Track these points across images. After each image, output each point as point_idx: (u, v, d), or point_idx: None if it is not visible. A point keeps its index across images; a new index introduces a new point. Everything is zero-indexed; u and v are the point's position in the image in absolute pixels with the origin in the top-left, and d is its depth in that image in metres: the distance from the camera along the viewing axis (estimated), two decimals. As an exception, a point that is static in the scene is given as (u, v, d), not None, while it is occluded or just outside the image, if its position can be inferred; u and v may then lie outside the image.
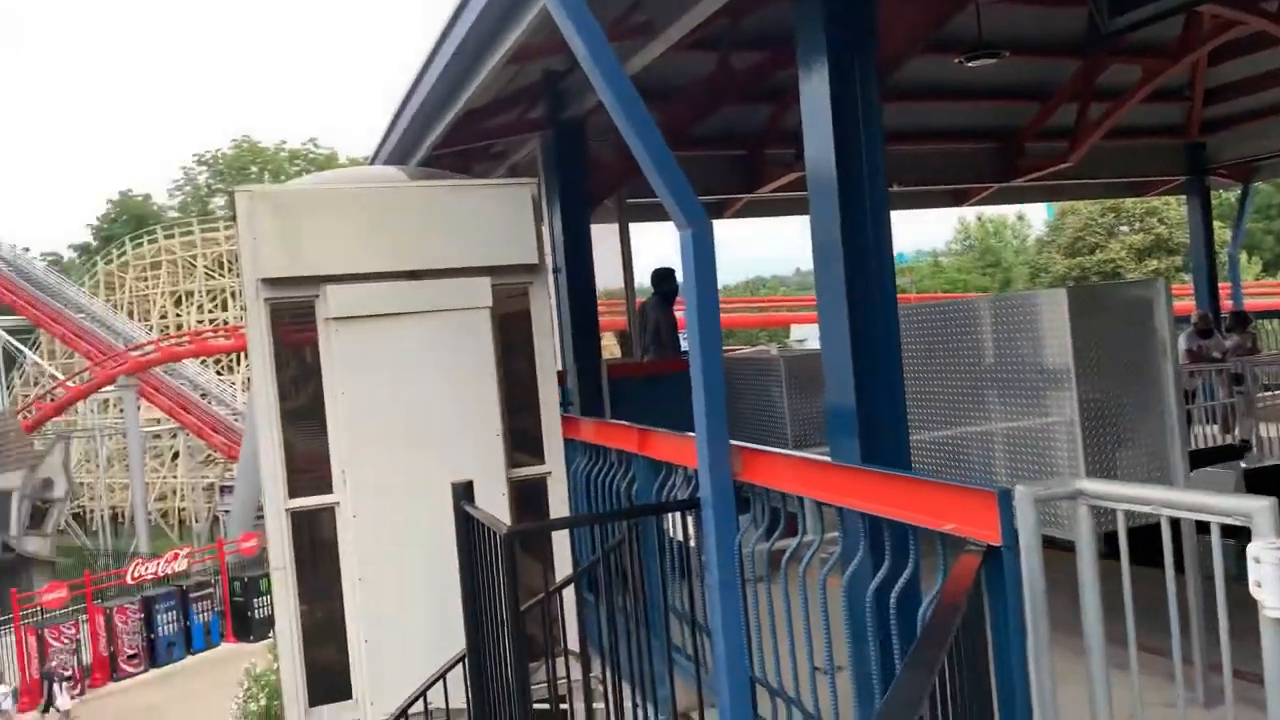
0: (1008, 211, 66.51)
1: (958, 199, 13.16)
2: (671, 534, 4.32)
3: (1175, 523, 2.32)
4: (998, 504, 2.33)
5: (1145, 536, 2.43)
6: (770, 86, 8.20)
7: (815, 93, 3.62)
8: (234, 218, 5.34)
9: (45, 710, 24.46)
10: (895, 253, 3.95)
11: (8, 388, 49.54)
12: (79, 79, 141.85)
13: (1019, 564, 2.31)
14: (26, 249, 52.46)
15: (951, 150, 11.16)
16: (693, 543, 3.96)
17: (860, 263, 3.56)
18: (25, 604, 27.02)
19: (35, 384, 50.70)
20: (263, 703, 15.63)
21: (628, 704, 4.01)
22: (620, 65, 3.45)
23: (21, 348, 47.60)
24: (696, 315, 3.45)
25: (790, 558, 3.41)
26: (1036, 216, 65.41)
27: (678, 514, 4.11)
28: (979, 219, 68.14)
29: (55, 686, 24.77)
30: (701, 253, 3.40)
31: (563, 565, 5.51)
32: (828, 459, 3.43)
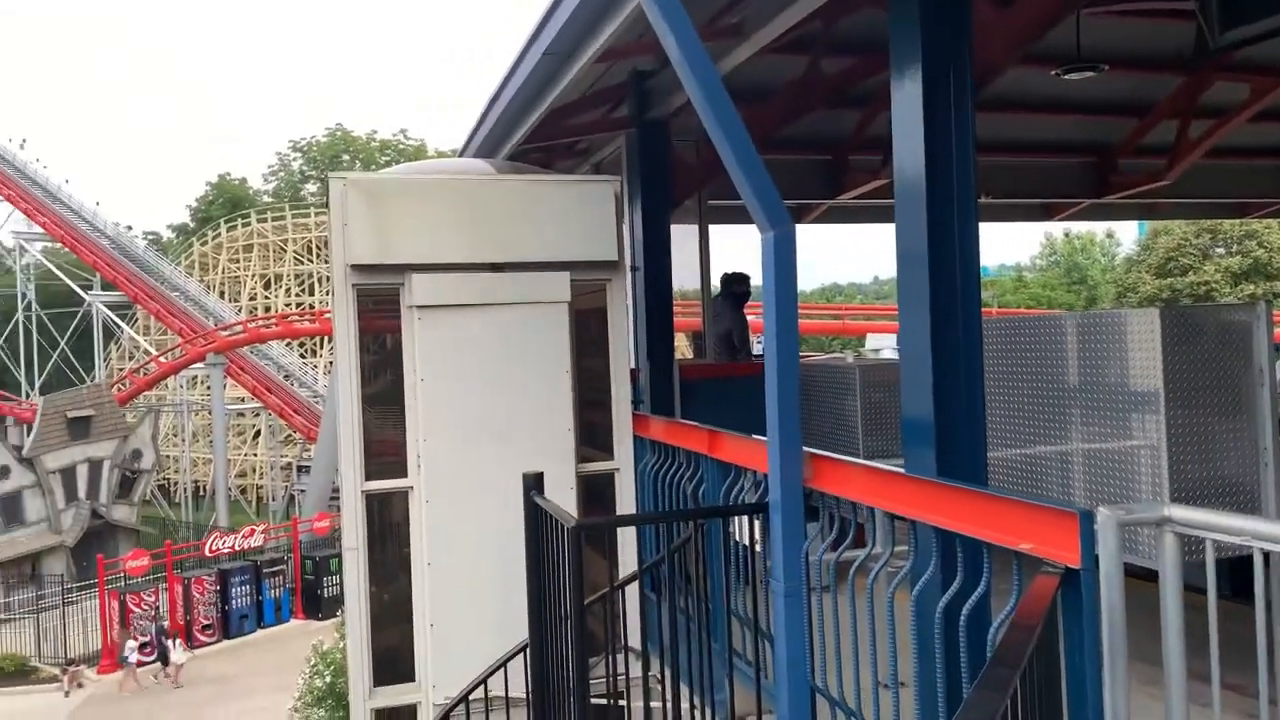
0: (1097, 228, 64.68)
1: (1047, 213, 12.83)
2: (737, 537, 4.31)
3: (1266, 556, 2.23)
4: (1079, 525, 2.26)
5: (1228, 569, 2.34)
6: (859, 92, 8.10)
7: (908, 100, 3.57)
8: (327, 203, 5.49)
9: (162, 664, 25.55)
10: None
11: (105, 360, 51.58)
12: (189, 65, 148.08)
13: (1098, 589, 2.24)
14: (129, 227, 54.61)
15: (1043, 163, 10.89)
16: (758, 548, 3.94)
17: (945, 273, 3.50)
18: (110, 570, 28.12)
19: (130, 358, 52.74)
20: (328, 680, 15.99)
21: (685, 705, 4.01)
22: (712, 65, 3.45)
23: (120, 322, 49.51)
24: (775, 319, 3.43)
25: (857, 569, 3.36)
26: (1127, 234, 63.52)
27: (744, 518, 4.09)
28: (1066, 235, 66.45)
29: (168, 642, 25.90)
30: (783, 256, 3.37)
31: (627, 562, 5.53)
32: (901, 470, 3.38)
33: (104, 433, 35.84)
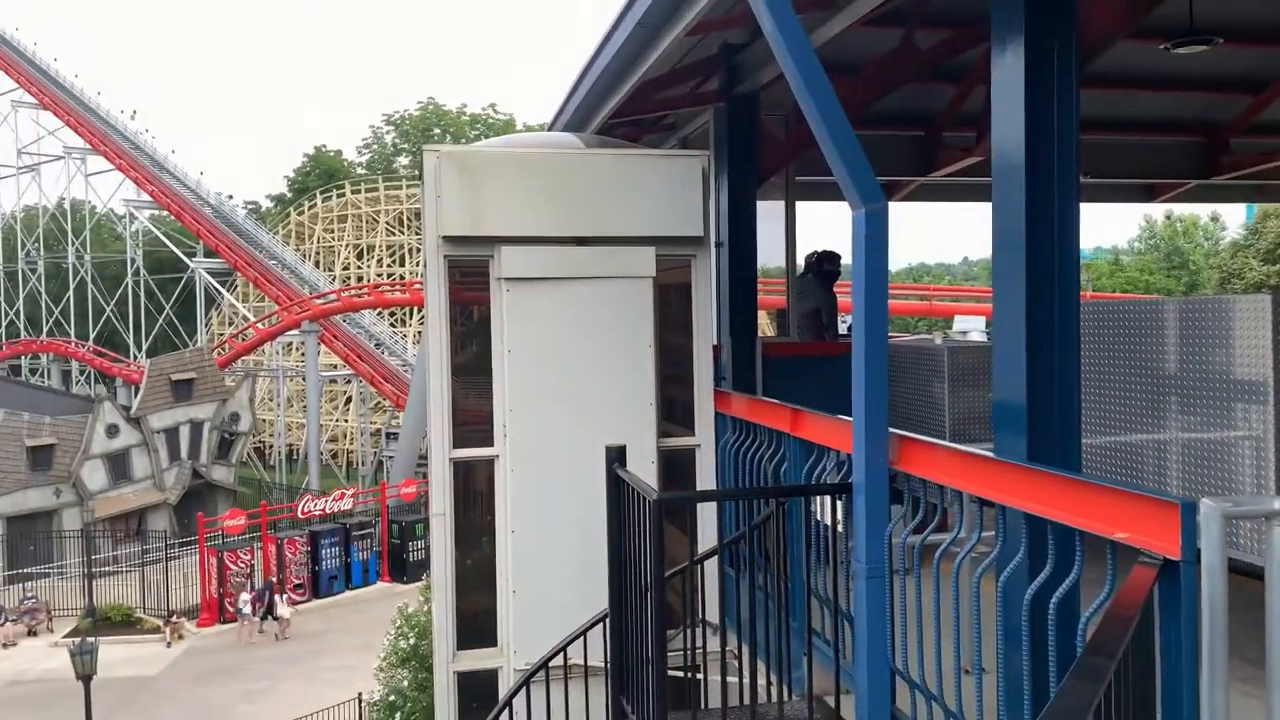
0: (1200, 211, 61.87)
1: (1150, 194, 12.32)
2: (819, 517, 4.29)
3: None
4: (1180, 516, 2.19)
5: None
6: (954, 66, 7.87)
7: (1008, 75, 3.46)
8: (418, 176, 5.59)
9: (265, 618, 26.86)
10: (1079, 246, 3.75)
11: (206, 325, 53.60)
12: (293, 40, 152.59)
13: (1199, 582, 2.17)
14: (230, 197, 56.45)
15: (1148, 142, 10.44)
16: (840, 528, 3.91)
17: (1043, 254, 3.40)
18: (209, 528, 29.35)
19: (230, 324, 54.71)
20: (412, 642, 16.43)
21: (762, 681, 4.02)
22: (805, 37, 3.40)
23: (220, 289, 51.33)
24: (864, 297, 3.38)
25: (942, 554, 3.31)
26: (1233, 218, 60.61)
27: (827, 497, 4.06)
28: (1167, 217, 63.73)
29: (275, 596, 27.19)
30: (874, 233, 3.32)
31: (706, 538, 5.54)
32: (991, 454, 3.31)
33: (205, 395, 37.34)
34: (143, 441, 35.57)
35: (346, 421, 53.54)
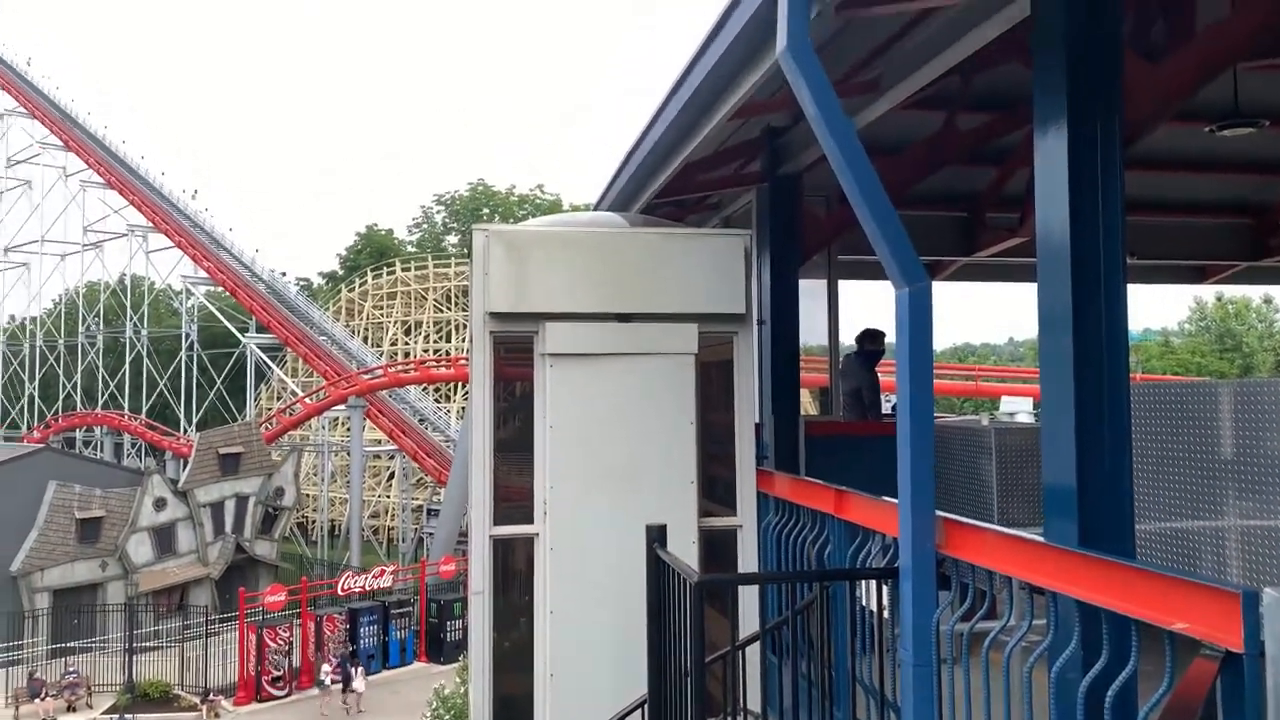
0: (1252, 293, 60.84)
1: (1199, 276, 12.17)
2: (864, 602, 4.18)
3: None
4: (1242, 606, 2.10)
5: None
6: (996, 148, 7.92)
7: (1051, 157, 3.47)
8: (467, 254, 5.70)
9: (345, 690, 27.00)
10: (1128, 327, 3.70)
11: (255, 399, 54.49)
12: (353, 124, 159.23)
13: (1264, 677, 2.07)
14: (284, 274, 57.91)
15: (1197, 224, 10.36)
16: (886, 614, 3.81)
17: (1090, 336, 3.36)
18: (250, 603, 29.37)
19: (278, 398, 55.57)
20: (448, 722, 16.21)
21: (806, 773, 3.88)
22: (848, 120, 3.44)
23: (270, 363, 52.29)
24: (909, 377, 3.35)
25: (992, 642, 3.21)
26: (1288, 299, 59.51)
27: (872, 582, 3.97)
28: (1218, 299, 62.73)
29: (351, 670, 27.19)
30: (918, 313, 3.30)
31: (748, 622, 5.43)
32: (1042, 539, 3.23)
33: (251, 469, 37.73)
34: (189, 515, 35.92)
35: (389, 497, 53.74)
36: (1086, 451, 3.28)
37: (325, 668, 27.57)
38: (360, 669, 27.91)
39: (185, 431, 50.77)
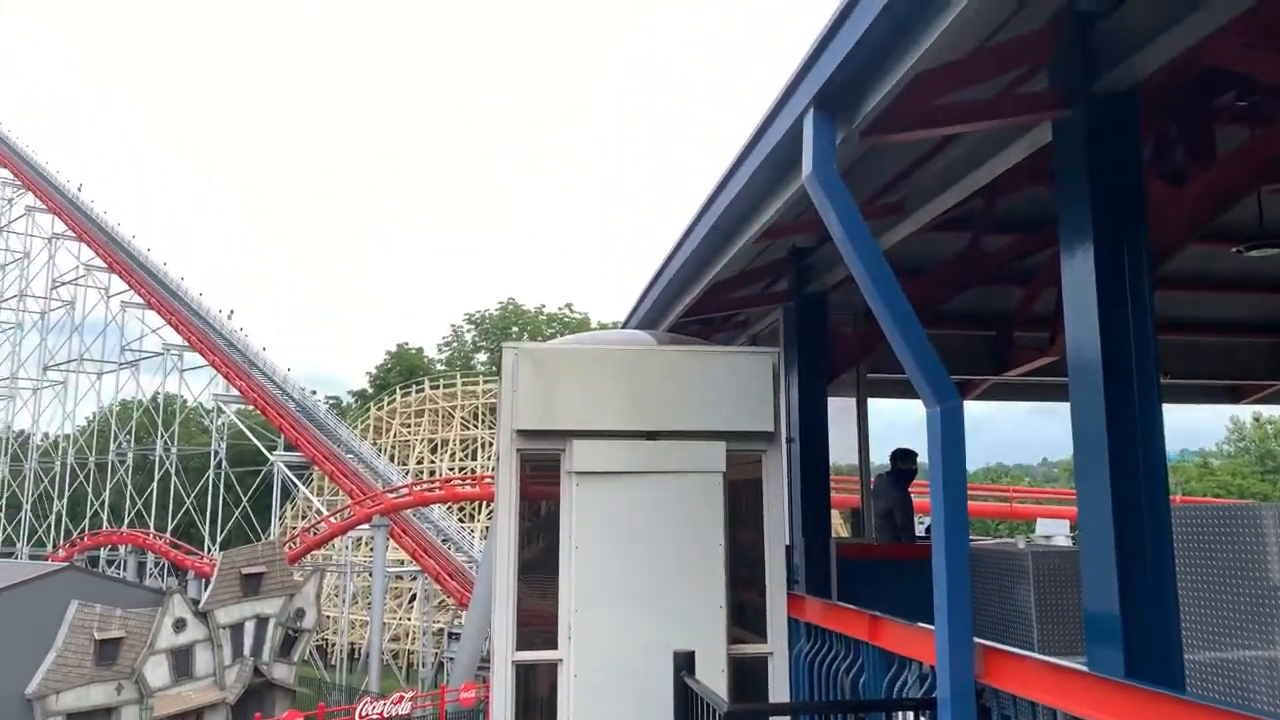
0: (1292, 412, 59.91)
1: (1234, 396, 12.00)
2: (902, 734, 4.01)
3: None
4: (1305, 745, 1.99)
5: None
6: (1023, 268, 7.98)
7: (1079, 277, 3.48)
8: (496, 372, 5.75)
9: None
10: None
11: (280, 518, 54.36)
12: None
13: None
14: (314, 392, 58.54)
15: (1230, 343, 10.29)
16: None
17: (1127, 456, 3.29)
18: (266, 727, 28.62)
19: (303, 516, 55.40)
20: None
21: None
22: (874, 242, 3.48)
23: (297, 482, 52.36)
24: (943, 498, 3.29)
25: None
26: (1331, 420, 58.54)
27: (910, 713, 3.81)
28: (1256, 419, 61.84)
29: None
30: (950, 432, 3.27)
31: (780, 755, 5.21)
32: (1085, 668, 3.09)
33: (273, 590, 37.31)
34: (208, 637, 35.40)
35: (410, 620, 52.82)
36: (1128, 575, 3.18)
37: None
38: None
39: (209, 550, 50.55)
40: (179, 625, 34.75)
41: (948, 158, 4.94)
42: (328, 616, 49.30)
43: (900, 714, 3.96)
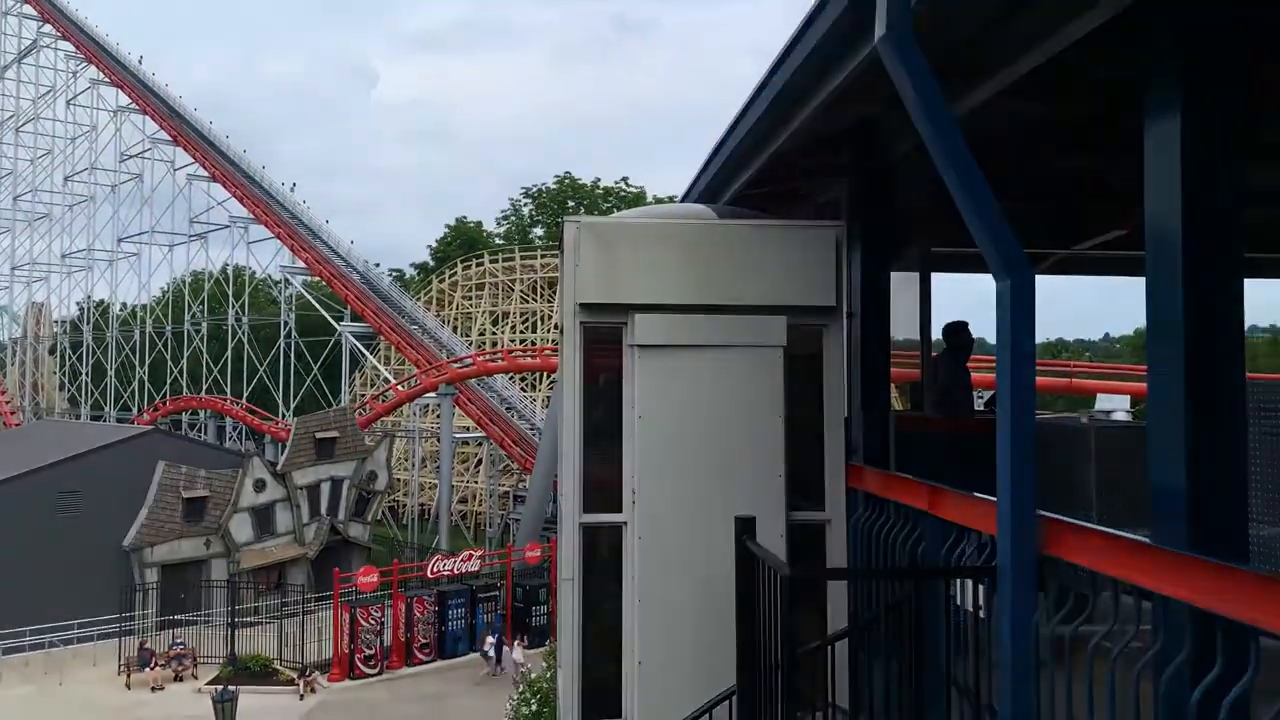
0: (1380, 286, 57.32)
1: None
2: (959, 601, 4.10)
3: None
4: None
5: None
6: (1100, 137, 7.64)
7: (1163, 147, 3.32)
8: (554, 246, 5.77)
9: (499, 664, 28.31)
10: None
11: (349, 386, 56.00)
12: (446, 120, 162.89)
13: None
14: (378, 264, 59.32)
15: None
16: (983, 614, 3.73)
17: (1204, 331, 3.22)
18: (344, 583, 30.26)
19: (372, 385, 57.01)
20: (534, 708, 16.43)
21: (896, 772, 3.84)
22: (947, 109, 3.37)
23: (365, 351, 53.68)
24: (1010, 371, 3.27)
25: (1095, 647, 3.12)
26: None
27: (968, 581, 3.89)
28: (1337, 292, 59.40)
29: (506, 646, 28.58)
30: (1020, 304, 3.22)
31: (836, 618, 5.38)
32: (1149, 541, 3.11)
33: (346, 454, 38.81)
34: (286, 497, 37.15)
35: (476, 483, 54.71)
36: (1198, 453, 3.15)
37: (490, 640, 28.92)
38: (519, 641, 29.11)
39: (283, 416, 52.47)
40: (259, 485, 36.49)
41: (1027, 16, 4.69)
42: (398, 479, 51.25)
43: (958, 582, 4.04)
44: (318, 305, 54.44)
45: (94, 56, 64.81)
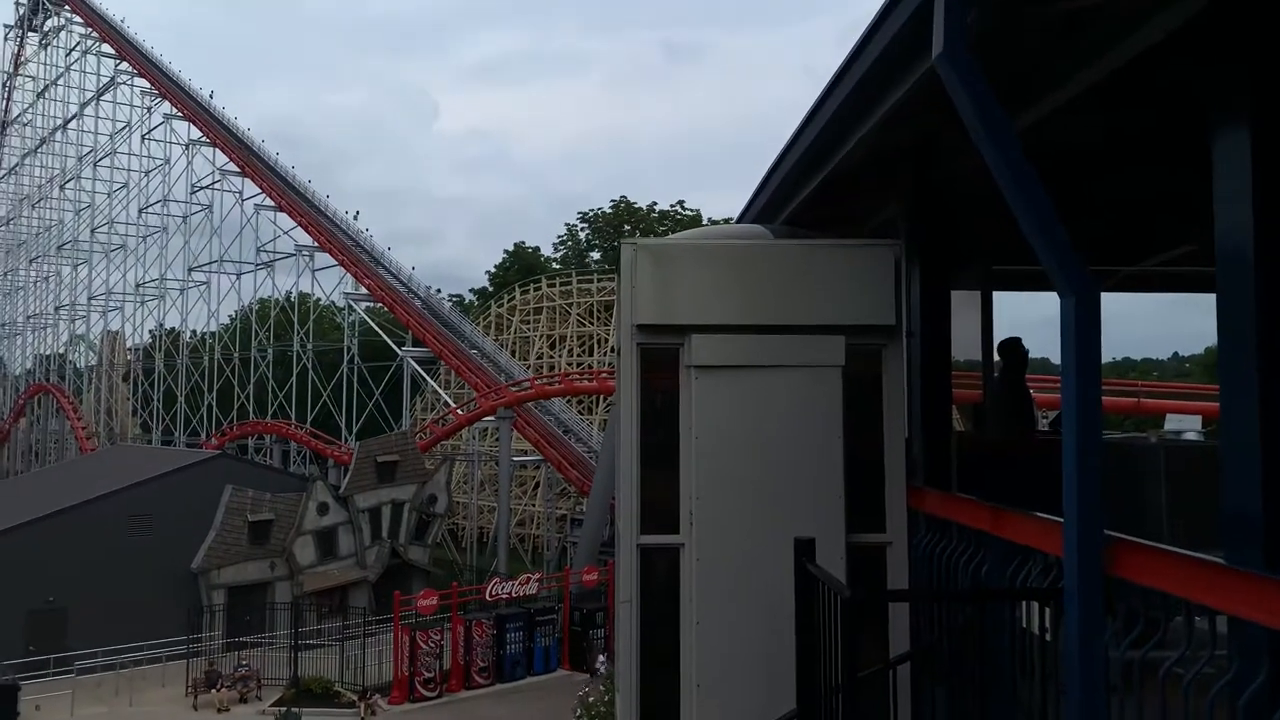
0: None
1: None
2: (1024, 625, 4.01)
3: None
4: None
5: None
6: (1164, 151, 7.48)
7: (1232, 159, 3.25)
8: (610, 270, 5.81)
9: (592, 672, 28.76)
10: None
11: (410, 410, 56.76)
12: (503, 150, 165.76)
13: None
14: (439, 290, 60.23)
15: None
16: (1048, 638, 3.65)
17: (1277, 346, 3.12)
18: (404, 606, 30.54)
19: (432, 409, 57.71)
20: (592, 731, 16.39)
21: (962, 800, 3.75)
22: (1009, 124, 3.33)
23: (425, 376, 54.40)
24: (1075, 390, 3.21)
25: (1167, 672, 3.02)
26: None
27: (1033, 604, 3.80)
28: None
29: (600, 655, 29.19)
30: (1084, 322, 3.16)
31: (897, 641, 5.29)
32: (1224, 562, 3.02)
33: (406, 477, 39.31)
34: (348, 520, 37.70)
35: (534, 506, 54.95)
36: (1274, 471, 3.05)
37: (601, 658, 29.33)
38: (605, 653, 29.46)
39: (345, 440, 53.31)
40: (322, 509, 37.09)
41: (1088, 28, 4.63)
42: (458, 502, 51.69)
43: (1024, 605, 3.95)
44: (380, 331, 55.37)
45: (168, 92, 67.08)
